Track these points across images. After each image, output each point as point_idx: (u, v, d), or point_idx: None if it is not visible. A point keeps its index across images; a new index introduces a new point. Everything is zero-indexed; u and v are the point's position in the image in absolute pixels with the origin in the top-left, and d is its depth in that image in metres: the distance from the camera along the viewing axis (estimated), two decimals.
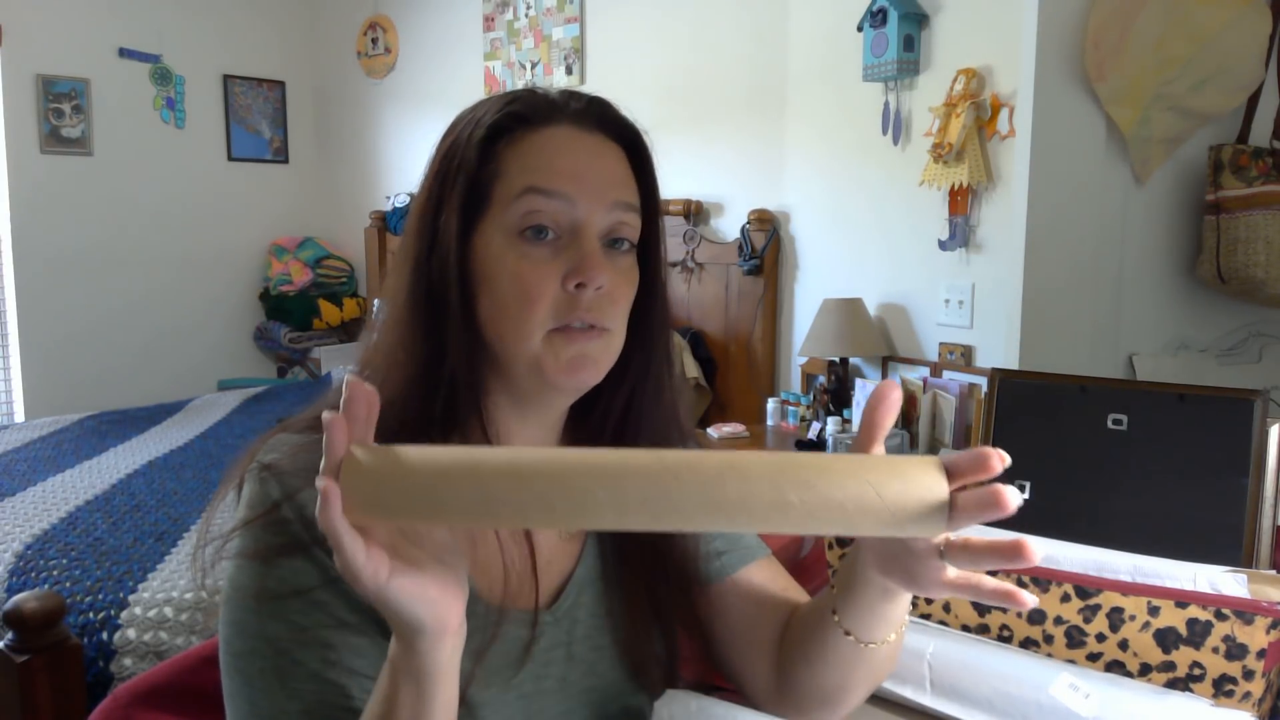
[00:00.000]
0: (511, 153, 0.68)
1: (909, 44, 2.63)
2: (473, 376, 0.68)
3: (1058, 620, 0.88)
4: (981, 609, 0.93)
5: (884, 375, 2.87)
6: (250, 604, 0.62)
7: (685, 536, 0.78)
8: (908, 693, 0.88)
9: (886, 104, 2.74)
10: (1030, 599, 0.50)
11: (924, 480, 0.49)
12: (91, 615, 1.78)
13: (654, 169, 0.74)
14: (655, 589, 0.76)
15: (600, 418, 0.76)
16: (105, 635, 1.76)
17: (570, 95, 0.72)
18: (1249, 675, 0.80)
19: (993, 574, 0.54)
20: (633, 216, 0.71)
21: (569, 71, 3.75)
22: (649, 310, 0.74)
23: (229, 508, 0.68)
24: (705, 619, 0.79)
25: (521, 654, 0.69)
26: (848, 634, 0.66)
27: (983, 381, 2.43)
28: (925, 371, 2.72)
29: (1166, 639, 0.82)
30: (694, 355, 3.23)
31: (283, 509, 0.63)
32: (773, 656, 0.77)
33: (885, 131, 2.75)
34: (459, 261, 0.67)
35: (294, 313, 4.60)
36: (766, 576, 0.81)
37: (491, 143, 0.68)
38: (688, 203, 3.30)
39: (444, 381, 0.67)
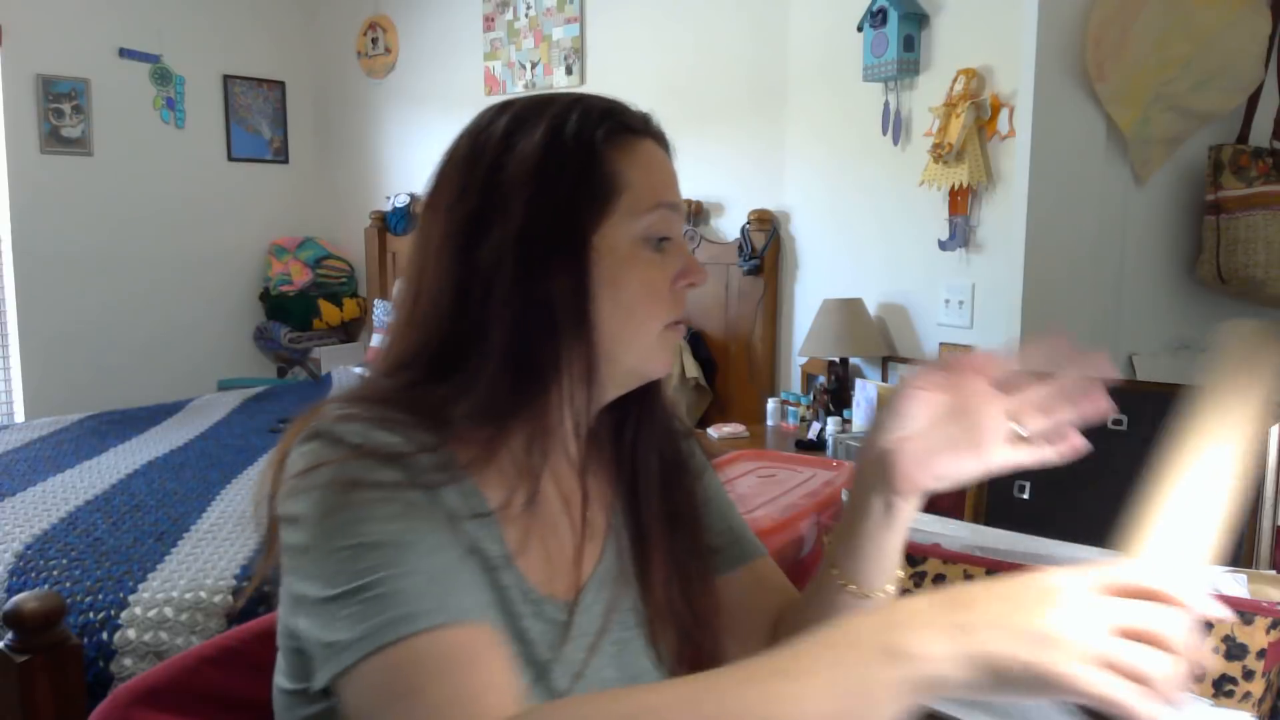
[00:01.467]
0: (628, 159, 0.72)
1: (909, 44, 2.63)
2: (588, 374, 0.71)
3: None
4: None
5: (884, 375, 2.87)
6: (351, 519, 0.60)
7: (699, 529, 0.82)
8: None
9: (886, 104, 2.74)
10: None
11: None
12: (91, 615, 1.78)
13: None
14: (672, 579, 0.79)
15: (614, 410, 0.79)
16: (105, 635, 1.76)
17: (646, 114, 0.77)
18: (1249, 675, 0.80)
19: (992, 573, 0.55)
20: None
21: (569, 71, 3.75)
22: None
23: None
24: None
25: (564, 640, 0.71)
26: (847, 585, 0.73)
27: None
28: None
29: None
30: (694, 355, 3.22)
31: (390, 455, 0.63)
32: (765, 629, 0.82)
33: (885, 131, 2.75)
34: (580, 259, 0.69)
35: (294, 313, 4.60)
36: (763, 574, 0.85)
37: (606, 147, 0.71)
38: (688, 203, 3.30)
39: (540, 377, 0.69)
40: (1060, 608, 0.49)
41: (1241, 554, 0.94)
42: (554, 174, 0.69)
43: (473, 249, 0.69)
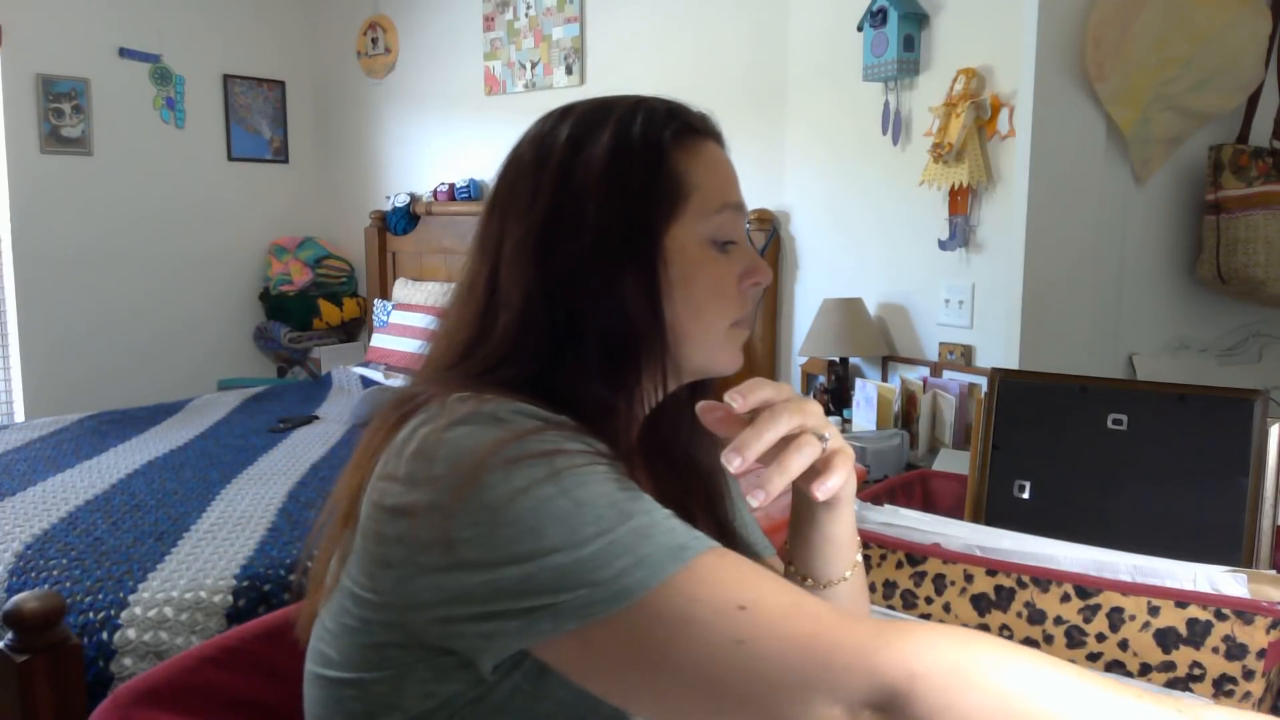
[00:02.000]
0: (695, 160, 0.74)
1: (909, 44, 2.63)
2: (664, 368, 0.72)
3: (1058, 620, 0.88)
4: (981, 609, 0.93)
5: (884, 375, 2.87)
6: (561, 484, 0.58)
7: (731, 514, 0.85)
8: None
9: (886, 104, 2.74)
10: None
11: None
12: (91, 615, 1.78)
13: None
14: None
15: (677, 405, 0.81)
16: (105, 635, 1.76)
17: (705, 114, 0.80)
18: (1249, 675, 0.80)
19: (991, 573, 0.56)
20: None
21: (569, 71, 3.75)
22: None
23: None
24: None
25: None
26: (805, 579, 0.76)
27: (983, 381, 2.42)
28: (925, 371, 2.72)
29: (1166, 639, 0.82)
30: None
31: (566, 430, 0.63)
32: None
33: (885, 131, 2.75)
34: (652, 259, 0.71)
35: (294, 313, 4.60)
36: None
37: (673, 149, 0.73)
38: None
39: (624, 377, 0.71)
40: None
41: (1241, 554, 0.94)
42: (624, 177, 0.71)
43: (549, 253, 0.71)
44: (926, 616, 0.96)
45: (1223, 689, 0.80)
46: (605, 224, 0.70)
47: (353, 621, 0.65)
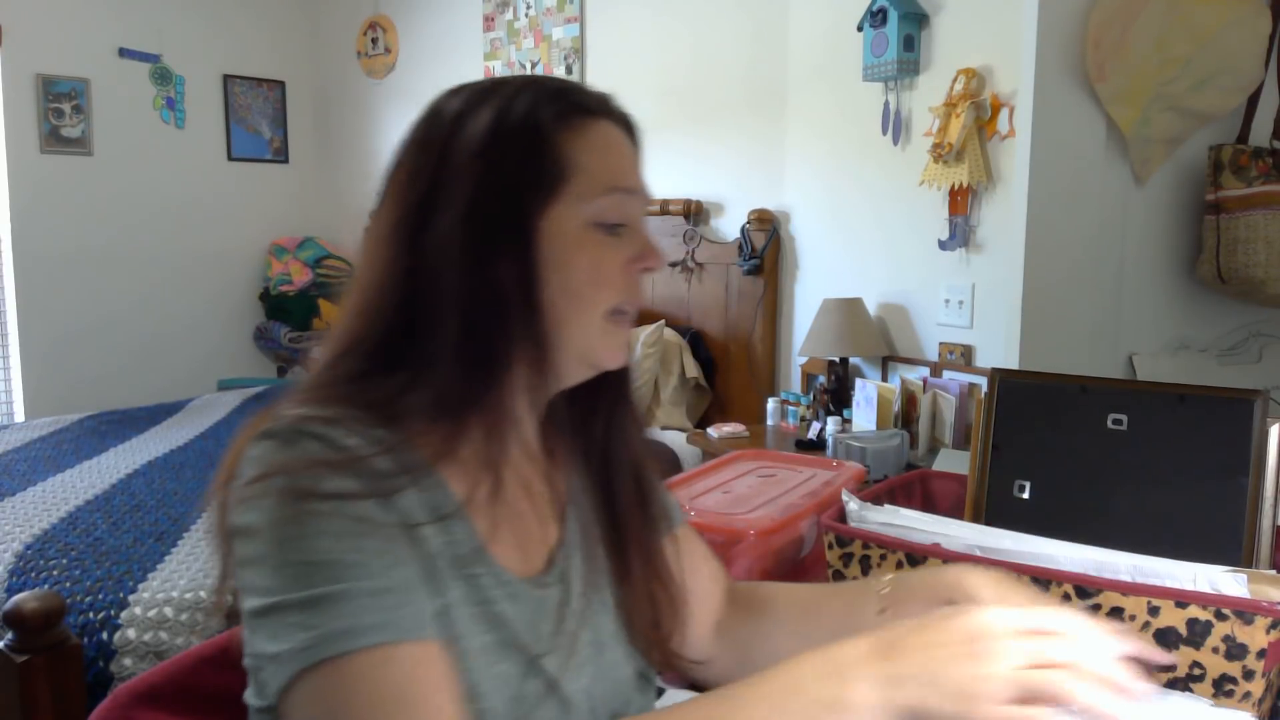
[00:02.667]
0: (580, 141, 0.71)
1: (909, 44, 2.63)
2: (540, 362, 0.70)
3: None
4: None
5: (884, 375, 2.87)
6: (301, 531, 0.59)
7: (658, 503, 0.84)
8: None
9: (886, 104, 2.74)
10: None
11: None
12: (91, 615, 1.78)
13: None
14: (643, 551, 0.81)
15: (579, 393, 0.79)
16: (105, 635, 1.76)
17: (587, 88, 0.75)
18: (1249, 675, 0.80)
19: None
20: None
21: (569, 71, 3.75)
22: None
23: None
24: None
25: (552, 614, 0.71)
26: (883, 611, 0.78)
27: (983, 381, 2.42)
28: (925, 371, 2.72)
29: (1166, 639, 0.82)
30: (694, 355, 3.23)
31: (347, 459, 0.62)
32: (708, 613, 0.87)
33: (885, 131, 2.75)
34: (525, 243, 0.69)
35: (294, 313, 4.60)
36: (692, 539, 0.89)
37: (556, 129, 0.70)
38: (688, 203, 3.30)
39: (490, 367, 0.68)
40: (982, 658, 0.54)
41: (1241, 554, 0.94)
42: (499, 157, 0.69)
43: (420, 235, 0.68)
44: None
45: (1223, 689, 0.80)
46: (477, 204, 0.68)
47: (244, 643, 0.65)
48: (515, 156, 0.69)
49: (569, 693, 0.70)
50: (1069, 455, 1.06)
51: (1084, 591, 0.85)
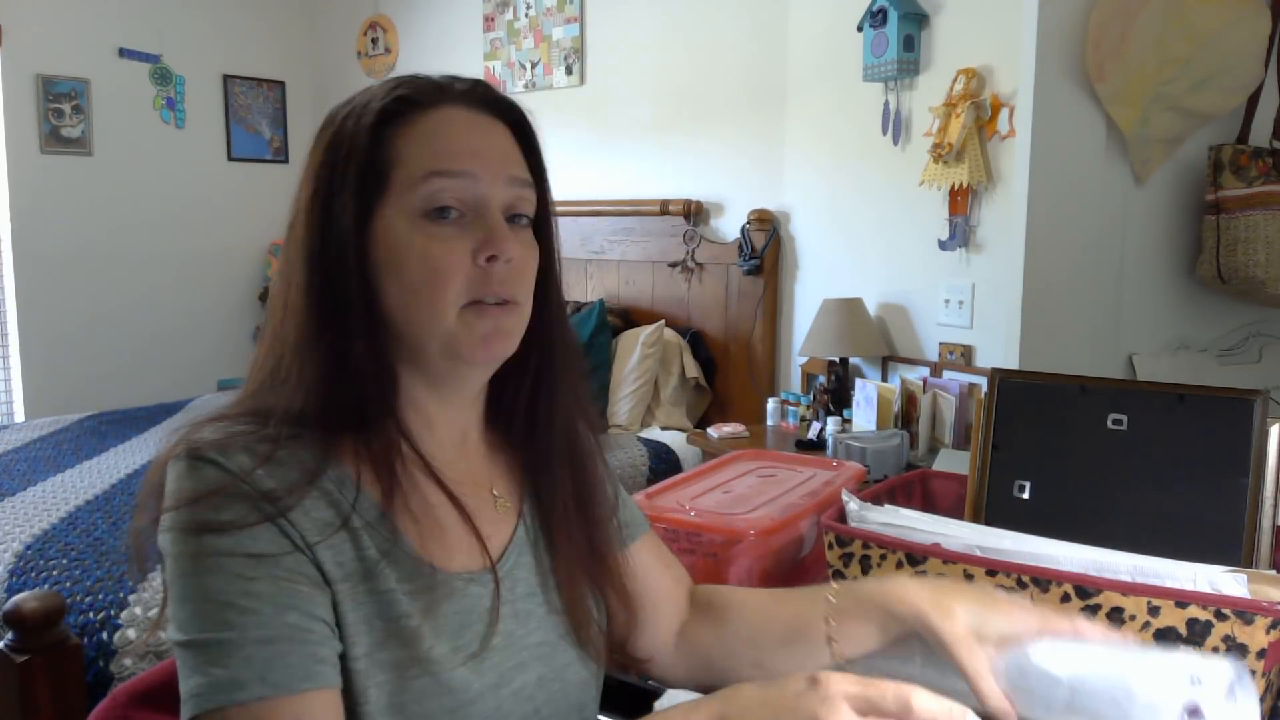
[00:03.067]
0: (405, 137, 0.69)
1: (909, 44, 2.63)
2: (381, 367, 0.70)
3: None
4: None
5: (884, 375, 2.87)
6: (196, 567, 0.61)
7: (604, 505, 0.83)
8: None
9: (886, 104, 2.74)
10: None
11: None
12: (91, 615, 1.78)
13: (540, 146, 0.77)
14: (584, 553, 0.80)
15: (512, 394, 0.80)
16: (105, 635, 1.76)
17: (453, 79, 0.74)
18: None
19: (992, 573, 0.57)
20: (528, 192, 0.74)
21: (569, 71, 3.75)
22: (548, 282, 0.77)
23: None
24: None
25: (478, 615, 0.71)
26: (832, 640, 0.76)
27: (983, 381, 2.42)
28: (925, 371, 2.72)
29: (1166, 639, 0.82)
30: (694, 355, 3.23)
31: (241, 484, 0.63)
32: (670, 620, 0.87)
33: (885, 131, 2.75)
34: (358, 250, 0.68)
35: None
36: (655, 548, 0.90)
37: (381, 128, 0.69)
38: (688, 203, 3.30)
39: (353, 375, 0.68)
40: None
41: (1241, 554, 0.94)
42: (327, 171, 0.69)
43: (288, 245, 0.71)
44: None
45: None
46: (315, 221, 0.69)
47: None
48: (343, 165, 0.69)
49: (503, 696, 0.70)
50: (1069, 455, 1.06)
51: (1084, 591, 0.85)
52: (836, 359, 2.83)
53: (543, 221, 0.77)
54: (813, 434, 2.71)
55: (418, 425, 0.73)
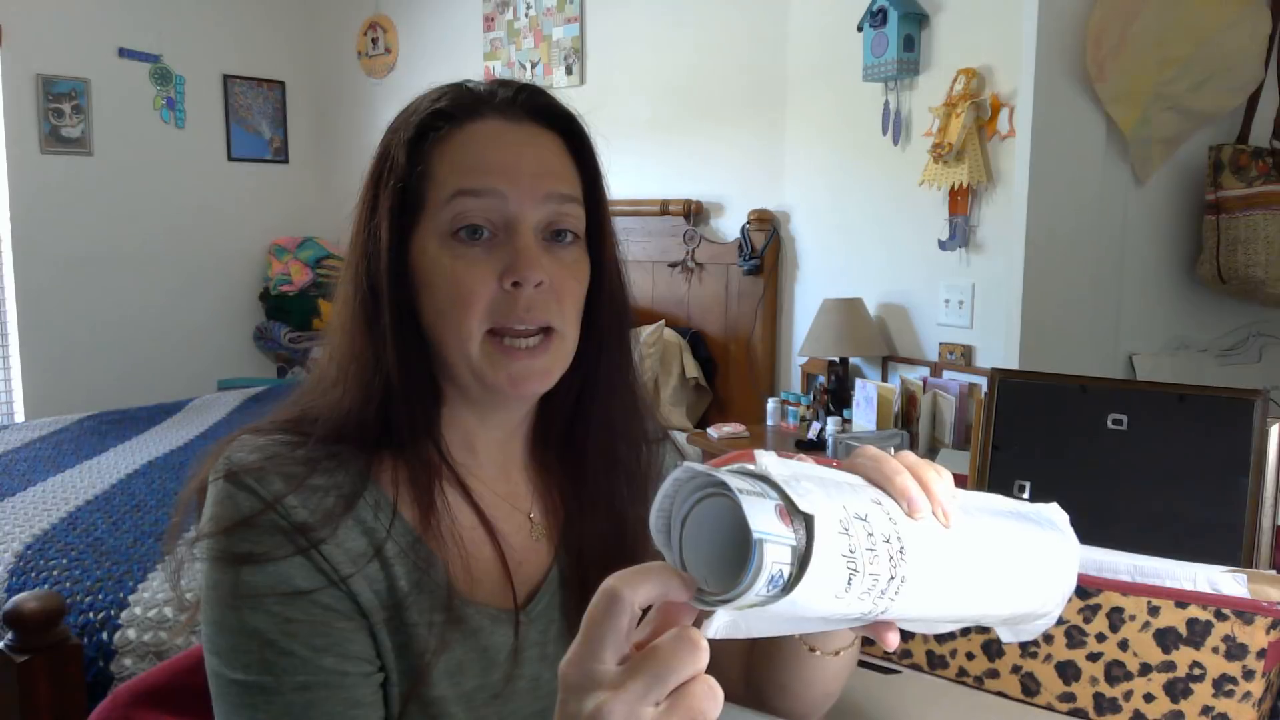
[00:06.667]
0: (439, 153, 0.67)
1: (909, 44, 2.63)
2: (421, 385, 0.68)
3: (1058, 620, 0.88)
4: None
5: (884, 375, 2.87)
6: (234, 601, 0.61)
7: (647, 540, 0.77)
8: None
9: (886, 104, 2.74)
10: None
11: None
12: (91, 615, 1.78)
13: (595, 155, 0.72)
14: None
15: (556, 418, 0.75)
16: (105, 635, 1.76)
17: (500, 84, 0.71)
18: (1249, 675, 0.79)
19: None
20: (573, 207, 0.69)
21: (569, 71, 3.75)
22: (599, 304, 0.72)
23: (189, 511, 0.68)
24: None
25: (506, 655, 0.69)
26: (811, 649, 0.68)
27: (983, 381, 2.42)
28: (925, 371, 2.72)
29: (1166, 639, 0.82)
30: (694, 355, 3.22)
31: (275, 514, 0.62)
32: (739, 661, 0.77)
33: (885, 131, 2.75)
34: (394, 268, 0.67)
35: (294, 313, 4.60)
36: None
37: (419, 143, 0.67)
38: (688, 203, 3.30)
39: (392, 393, 0.67)
40: None
41: (1241, 554, 0.94)
42: (375, 184, 0.69)
43: (347, 272, 0.71)
44: None
45: (1223, 689, 0.80)
46: (364, 245, 0.68)
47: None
48: (386, 187, 0.68)
49: None
50: (1069, 455, 1.06)
51: (1084, 591, 0.85)
52: (836, 359, 2.83)
53: (596, 237, 0.71)
54: (813, 434, 2.71)
55: (458, 443, 0.71)
